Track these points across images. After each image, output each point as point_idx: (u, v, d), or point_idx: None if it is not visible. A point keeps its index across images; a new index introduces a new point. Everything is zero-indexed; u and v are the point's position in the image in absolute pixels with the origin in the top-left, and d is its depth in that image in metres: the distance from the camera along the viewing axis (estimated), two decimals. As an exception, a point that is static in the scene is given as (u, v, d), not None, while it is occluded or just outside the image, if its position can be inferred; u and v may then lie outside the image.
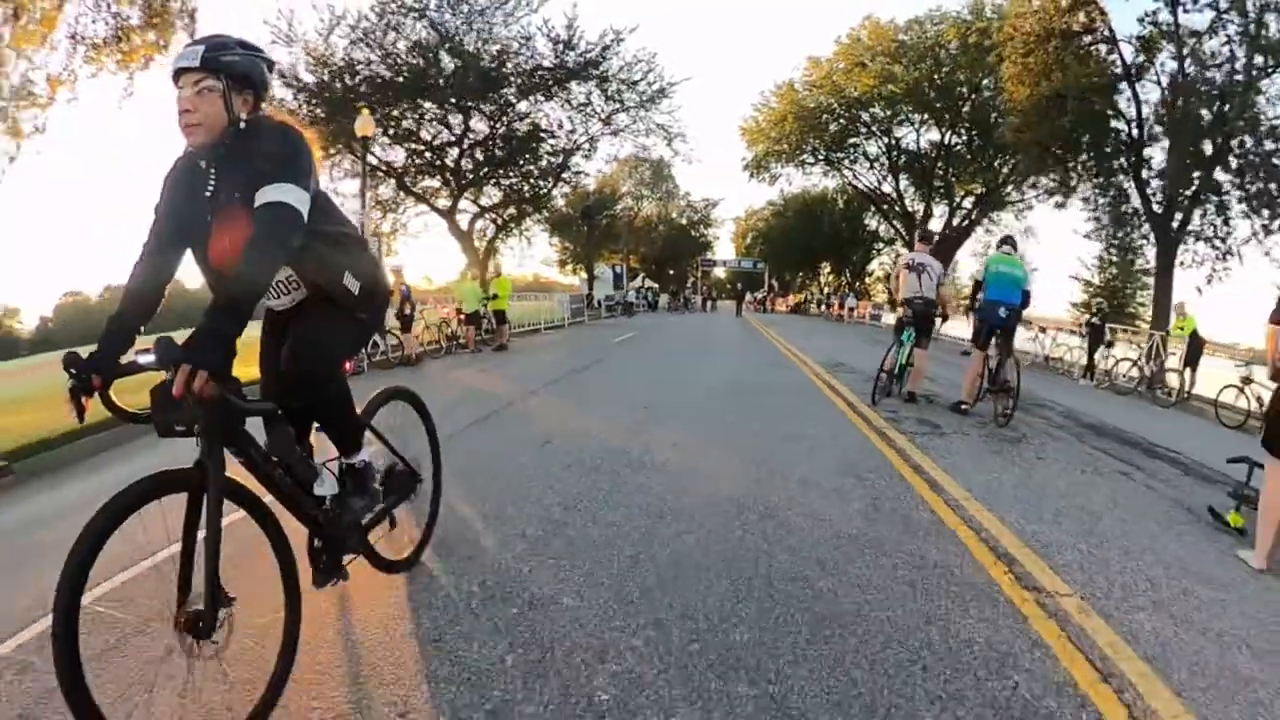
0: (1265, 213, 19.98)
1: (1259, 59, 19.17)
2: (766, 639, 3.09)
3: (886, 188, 46.46)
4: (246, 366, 2.56)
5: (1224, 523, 5.10)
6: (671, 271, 69.97)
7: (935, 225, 43.01)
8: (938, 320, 10.10)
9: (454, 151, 29.77)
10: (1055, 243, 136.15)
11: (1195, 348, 15.08)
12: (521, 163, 30.97)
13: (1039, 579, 3.84)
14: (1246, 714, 2.69)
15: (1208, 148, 20.35)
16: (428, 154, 29.50)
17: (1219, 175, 20.58)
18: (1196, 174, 20.46)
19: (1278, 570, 4.27)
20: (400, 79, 25.96)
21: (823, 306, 51.71)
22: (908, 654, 2.99)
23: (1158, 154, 21.93)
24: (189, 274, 2.66)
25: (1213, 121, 19.94)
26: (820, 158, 45.99)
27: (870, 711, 2.57)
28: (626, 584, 3.62)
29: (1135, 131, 22.05)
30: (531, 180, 32.28)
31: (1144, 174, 21.85)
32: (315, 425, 3.03)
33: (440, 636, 3.07)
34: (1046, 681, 2.82)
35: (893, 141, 43.86)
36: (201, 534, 2.23)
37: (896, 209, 46.30)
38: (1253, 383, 12.18)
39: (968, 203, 42.34)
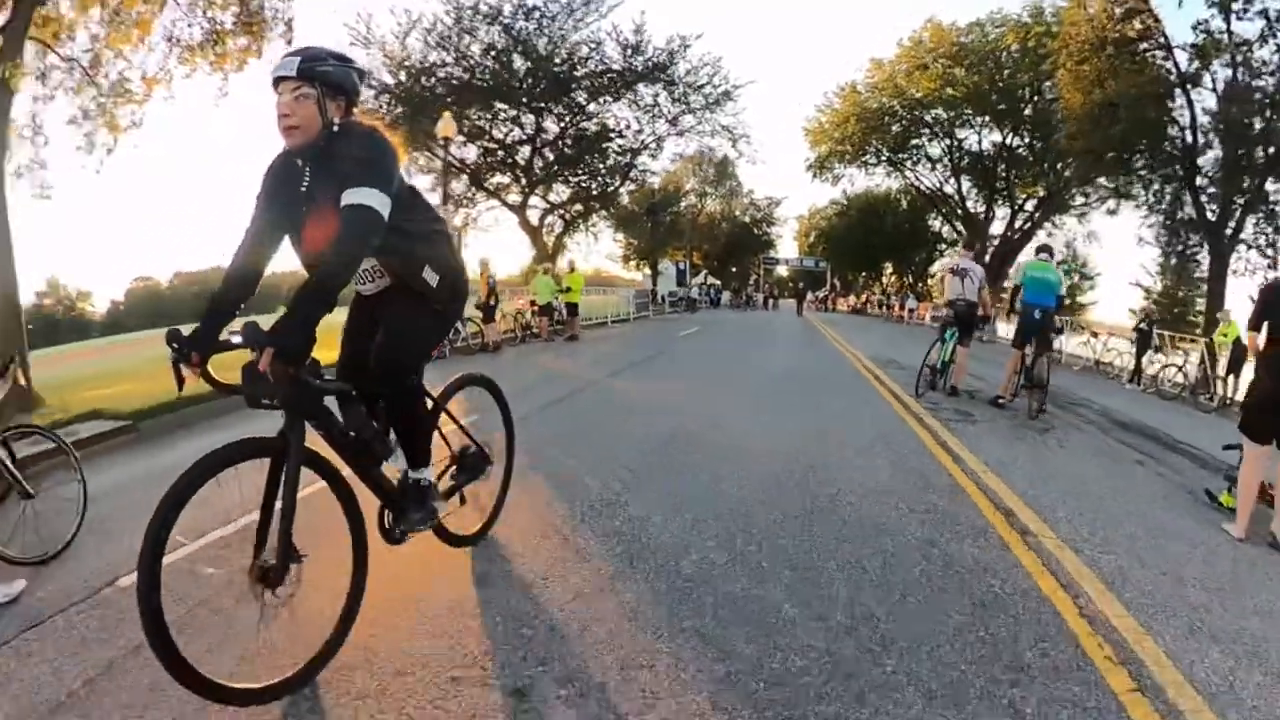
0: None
1: None
2: (804, 545, 4.20)
3: (948, 189, 46.16)
4: (328, 350, 2.79)
5: (1217, 503, 5.83)
6: (734, 269, 69.99)
7: (997, 228, 43.03)
8: (979, 320, 10.91)
9: (525, 150, 30.95)
10: (1118, 247, 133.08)
11: (1238, 354, 15.46)
12: (590, 161, 32.07)
13: (1029, 525, 4.82)
14: (1184, 625, 3.54)
15: (1259, 155, 20.57)
16: (500, 152, 30.72)
17: (1270, 184, 20.84)
18: (1247, 182, 20.72)
19: (1257, 541, 5.03)
20: (476, 81, 27.22)
21: (882, 307, 51.56)
22: (911, 560, 4.05)
23: (1211, 162, 22.21)
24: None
25: (1263, 129, 20.18)
26: (883, 158, 45.97)
27: (876, 586, 3.65)
28: (701, 509, 4.74)
29: (1189, 138, 22.28)
30: (599, 178, 33.37)
31: (1198, 181, 22.08)
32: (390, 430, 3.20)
33: (567, 534, 4.23)
34: (1016, 586, 3.81)
35: (954, 143, 43.52)
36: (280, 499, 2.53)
37: (958, 211, 46.03)
38: None
39: (1029, 205, 41.98)
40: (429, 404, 3.43)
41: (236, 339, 2.48)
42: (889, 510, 4.93)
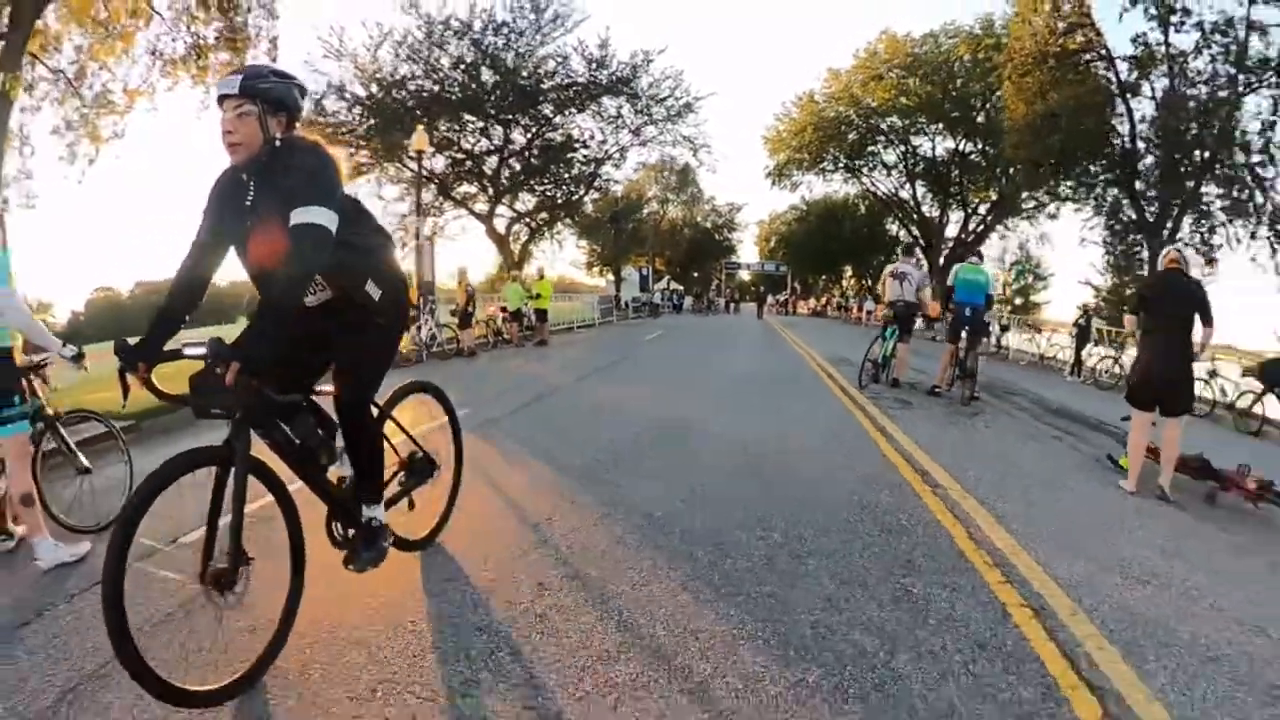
0: (1239, 221, 21.79)
1: (1241, 76, 20.82)
2: (753, 495, 5.24)
3: (904, 194, 47.68)
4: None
5: (1118, 465, 6.87)
6: (696, 274, 71.13)
7: (952, 230, 44.53)
8: (919, 319, 11.95)
9: (493, 160, 31.82)
10: (1071, 247, 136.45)
11: None
12: (556, 170, 33.06)
13: (940, 481, 5.86)
14: (1058, 545, 4.54)
15: (1194, 160, 21.94)
16: (468, 162, 31.53)
17: (1205, 187, 22.29)
18: (1184, 185, 22.12)
19: (1147, 494, 6.05)
20: (446, 93, 28.04)
21: (841, 309, 52.75)
22: (837, 505, 5.08)
23: (1150, 166, 23.55)
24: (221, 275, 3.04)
25: (1197, 135, 21.56)
26: (840, 165, 47.35)
27: (807, 521, 4.68)
28: (669, 476, 5.73)
29: (1129, 145, 23.66)
30: (564, 187, 34.32)
31: (1136, 185, 23.46)
32: (349, 464, 3.29)
33: (562, 491, 5.19)
34: (919, 520, 4.84)
35: (909, 150, 44.98)
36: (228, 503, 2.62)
37: (914, 215, 47.53)
38: (1217, 376, 13.98)
39: (982, 209, 43.44)
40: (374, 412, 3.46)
41: (193, 350, 2.61)
42: (825, 473, 5.97)
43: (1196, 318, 6.19)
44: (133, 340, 2.75)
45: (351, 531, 3.27)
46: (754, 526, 4.54)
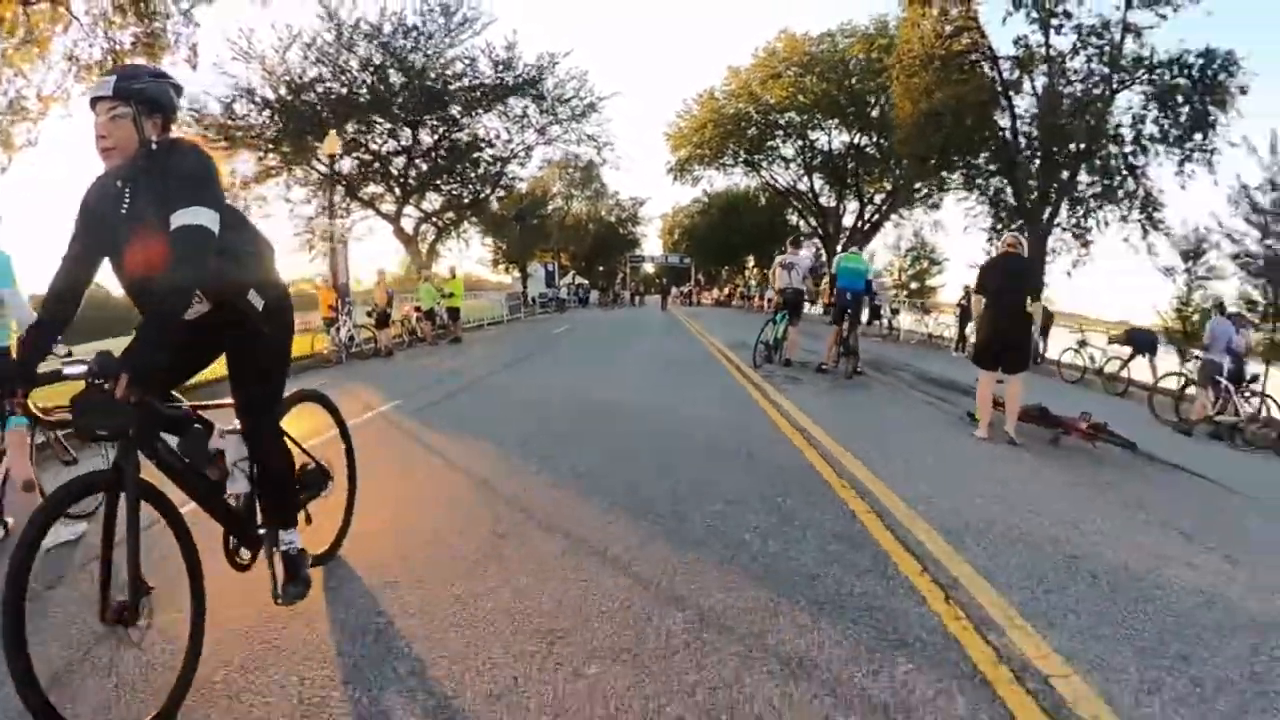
0: (1109, 206, 23.94)
1: (1114, 75, 22.75)
2: (661, 450, 6.31)
3: (802, 186, 49.16)
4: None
5: (973, 419, 8.08)
6: (601, 268, 71.76)
7: (849, 219, 46.35)
8: (806, 304, 13.19)
9: (400, 160, 32.02)
10: (966, 233, 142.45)
11: (1045, 321, 18.54)
12: (462, 170, 33.45)
13: (814, 435, 7.04)
14: (904, 471, 5.76)
15: (1070, 150, 23.80)
16: (375, 163, 31.63)
17: (1080, 176, 24.28)
18: (1062, 175, 24.02)
19: (997, 441, 7.32)
20: (354, 95, 28.19)
21: (744, 299, 54.06)
22: (727, 455, 6.19)
23: (1030, 157, 25.33)
24: (115, 286, 2.80)
25: (1072, 129, 23.46)
26: (740, 160, 48.44)
27: (702, 466, 5.78)
28: (594, 443, 6.74)
29: (1011, 138, 25.45)
30: (470, 186, 34.69)
31: (1017, 175, 25.23)
32: (244, 482, 3.14)
33: (501, 461, 6.13)
34: (793, 463, 5.97)
35: (807, 144, 46.19)
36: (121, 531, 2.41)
37: (813, 206, 49.13)
38: (1087, 345, 15.85)
39: (878, 198, 45.14)
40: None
41: (73, 370, 2.48)
42: (720, 435, 7.06)
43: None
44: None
45: (249, 554, 3.16)
46: (662, 473, 5.59)
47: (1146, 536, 4.63)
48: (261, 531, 3.18)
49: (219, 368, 3.16)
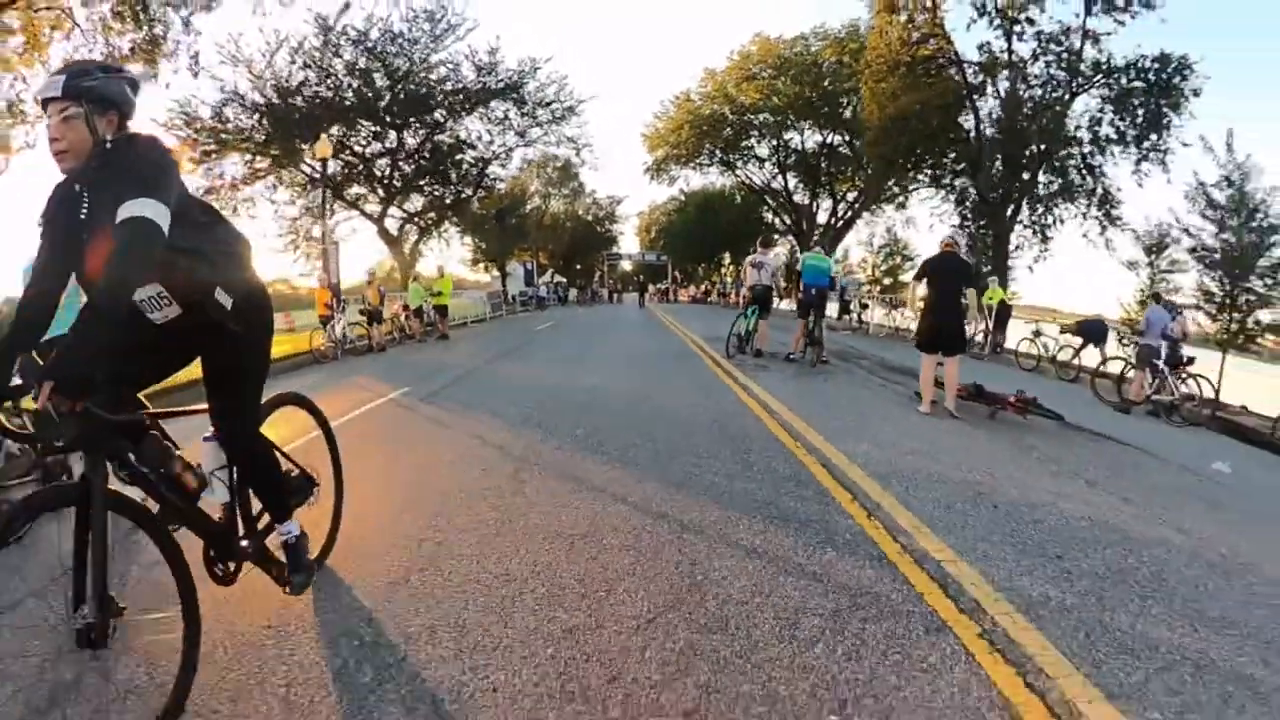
0: (1066, 205, 25.13)
1: (1073, 80, 23.78)
2: (643, 421, 7.34)
3: (777, 185, 50.01)
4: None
5: (918, 396, 9.13)
6: (579, 266, 72.04)
7: (822, 217, 47.35)
8: (775, 299, 14.23)
9: (384, 162, 32.83)
10: (936, 230, 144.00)
11: (1003, 313, 19.89)
12: (444, 171, 34.26)
13: (777, 410, 8.07)
14: (854, 437, 6.77)
15: (1030, 151, 24.88)
16: (360, 165, 32.43)
17: (1042, 175, 25.44)
18: (1023, 175, 25.14)
19: (939, 416, 8.39)
20: (340, 99, 28.96)
21: (721, 295, 54.79)
22: (700, 427, 7.24)
23: (992, 157, 26.36)
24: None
25: (1034, 129, 24.51)
26: (715, 159, 49.30)
27: (680, 435, 6.82)
28: (585, 418, 7.76)
29: (974, 139, 26.59)
30: (452, 187, 35.51)
31: (980, 176, 26.25)
32: (225, 491, 3.00)
33: (509, 431, 7.10)
34: (758, 432, 6.99)
35: (781, 143, 47.15)
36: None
37: (787, 204, 50.15)
38: (1041, 335, 16.95)
39: (850, 196, 46.13)
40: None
41: (17, 380, 2.37)
42: (693, 411, 8.13)
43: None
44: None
45: (232, 566, 2.98)
46: (645, 438, 6.63)
47: (1054, 484, 5.69)
48: (245, 543, 3.06)
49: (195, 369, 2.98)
